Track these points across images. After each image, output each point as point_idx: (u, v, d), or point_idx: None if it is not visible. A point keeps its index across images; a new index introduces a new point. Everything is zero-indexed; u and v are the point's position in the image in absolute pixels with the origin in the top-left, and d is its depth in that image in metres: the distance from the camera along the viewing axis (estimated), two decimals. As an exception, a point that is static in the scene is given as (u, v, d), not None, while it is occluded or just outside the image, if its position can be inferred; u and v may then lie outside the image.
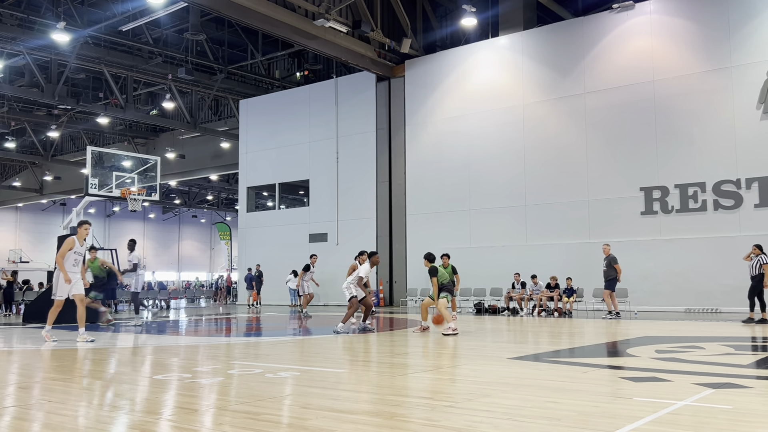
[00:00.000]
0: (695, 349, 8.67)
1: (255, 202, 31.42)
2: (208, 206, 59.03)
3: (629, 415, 4.41)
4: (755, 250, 13.92)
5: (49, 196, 48.09)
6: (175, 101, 31.75)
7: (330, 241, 26.44)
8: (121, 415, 4.71)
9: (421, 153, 24.38)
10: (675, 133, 19.26)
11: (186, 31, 26.23)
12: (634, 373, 6.43)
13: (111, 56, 27.99)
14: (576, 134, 20.96)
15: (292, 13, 21.34)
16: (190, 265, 65.86)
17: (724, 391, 5.47)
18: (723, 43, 18.70)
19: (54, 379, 6.40)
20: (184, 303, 32.73)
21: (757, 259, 13.75)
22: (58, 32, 22.52)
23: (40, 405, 5.05)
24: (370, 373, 6.83)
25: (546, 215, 21.28)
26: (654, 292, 19.08)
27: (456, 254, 22.75)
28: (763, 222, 17.76)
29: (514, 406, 4.85)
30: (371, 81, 25.93)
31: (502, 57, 22.74)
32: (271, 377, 6.35)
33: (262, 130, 29.49)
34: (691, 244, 18.54)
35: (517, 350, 8.88)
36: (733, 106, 18.45)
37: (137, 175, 18.09)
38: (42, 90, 27.75)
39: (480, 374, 6.57)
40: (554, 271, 18.96)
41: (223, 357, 8.44)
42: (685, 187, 18.99)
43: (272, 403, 5.02)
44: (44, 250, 49.24)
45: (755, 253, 13.88)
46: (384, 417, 4.50)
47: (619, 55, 20.40)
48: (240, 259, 30.32)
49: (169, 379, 6.31)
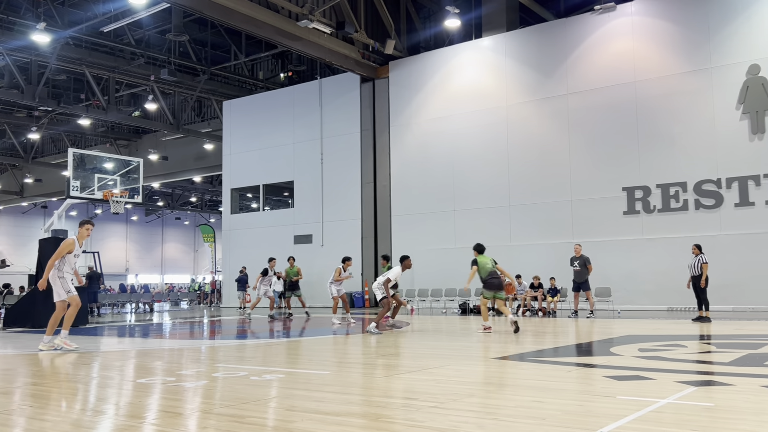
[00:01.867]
0: (678, 348, 8.75)
1: (239, 203, 31.28)
2: (192, 208, 58.66)
3: (613, 414, 4.44)
4: (695, 250, 14.42)
5: (30, 199, 47.52)
6: (158, 102, 31.53)
7: (315, 242, 26.39)
8: (104, 419, 4.67)
9: (406, 154, 24.40)
10: (656, 133, 19.45)
11: (168, 32, 26.05)
12: (618, 372, 6.48)
13: (92, 57, 27.73)
14: (559, 135, 21.10)
15: (275, 14, 21.27)
16: (173, 267, 65.39)
17: (706, 388, 5.53)
18: (703, 45, 18.91)
19: (35, 384, 6.33)
20: (167, 306, 32.49)
21: (697, 259, 14.22)
22: (39, 33, 22.28)
23: (21, 410, 4.99)
24: (356, 374, 6.82)
25: (530, 215, 21.39)
26: (637, 291, 19.24)
27: (441, 254, 22.92)
28: (743, 221, 18.00)
29: (498, 406, 4.87)
30: (355, 82, 25.92)
31: (486, 58, 22.83)
32: (255, 380, 6.32)
33: (246, 132, 29.36)
34: (673, 243, 18.72)
35: (502, 350, 8.91)
36: (714, 106, 18.67)
37: (119, 177, 17.93)
38: (22, 91, 27.43)
39: (465, 374, 6.58)
40: (538, 271, 19.07)
41: (207, 360, 8.39)
42: (666, 187, 19.18)
43: (257, 406, 5.00)
44: (25, 253, 48.64)
45: (695, 252, 14.38)
46: (369, 418, 4.49)
47: (601, 57, 20.56)
48: (224, 261, 30.16)
49: (153, 383, 6.26)
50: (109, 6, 24.38)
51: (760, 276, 17.41)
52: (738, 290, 17.68)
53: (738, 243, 18.00)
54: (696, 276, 14.19)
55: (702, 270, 14.06)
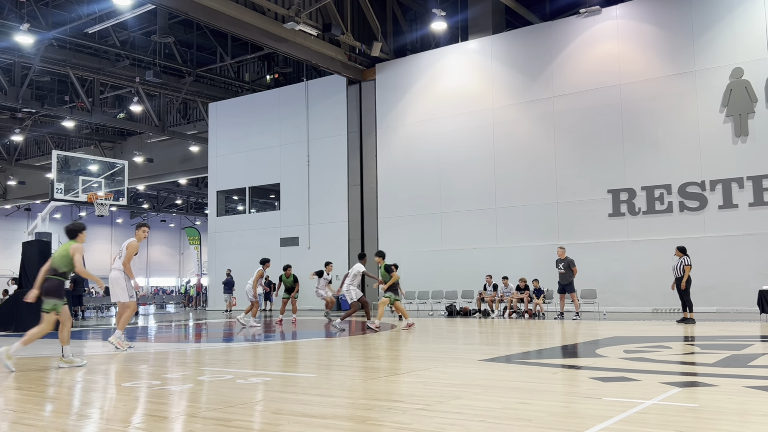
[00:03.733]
0: (663, 349, 8.82)
1: (225, 206, 31.14)
2: (177, 211, 58.32)
3: (599, 415, 4.47)
4: (678, 252, 14.64)
5: (13, 202, 47.05)
6: (143, 104, 31.33)
7: (302, 245, 26.32)
8: (88, 424, 4.63)
9: (393, 156, 24.42)
10: (641, 136, 19.60)
11: (154, 33, 25.90)
12: (603, 373, 6.52)
13: (77, 59, 27.50)
14: (545, 137, 21.20)
15: (261, 16, 21.22)
16: (159, 270, 64.99)
17: (690, 389, 5.58)
18: (687, 48, 19.09)
19: (19, 389, 6.26)
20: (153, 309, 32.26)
21: (680, 261, 14.43)
22: (22, 34, 22.07)
23: (4, 415, 4.93)
24: (342, 377, 6.81)
25: (516, 217, 21.47)
26: (622, 293, 19.37)
27: (428, 257, 22.93)
28: (727, 223, 18.17)
29: (485, 408, 4.88)
30: (342, 84, 25.91)
31: (472, 61, 22.91)
32: (242, 383, 6.29)
33: (232, 134, 29.25)
34: (657, 245, 18.86)
35: (488, 352, 8.93)
36: (697, 109, 18.84)
37: (104, 180, 17.80)
38: (5, 93, 27.17)
39: (451, 376, 6.59)
40: (524, 273, 19.15)
41: (193, 363, 8.34)
42: (651, 189, 19.33)
43: (243, 409, 4.98)
44: (8, 256, 48.16)
45: (678, 255, 14.58)
46: (356, 421, 4.49)
47: (587, 59, 20.69)
48: (210, 264, 30.01)
49: (138, 386, 6.21)
50: (93, 7, 24.20)
51: (743, 277, 17.57)
52: (722, 292, 17.84)
53: (722, 245, 18.17)
54: (679, 278, 14.35)
55: (684, 272, 14.22)
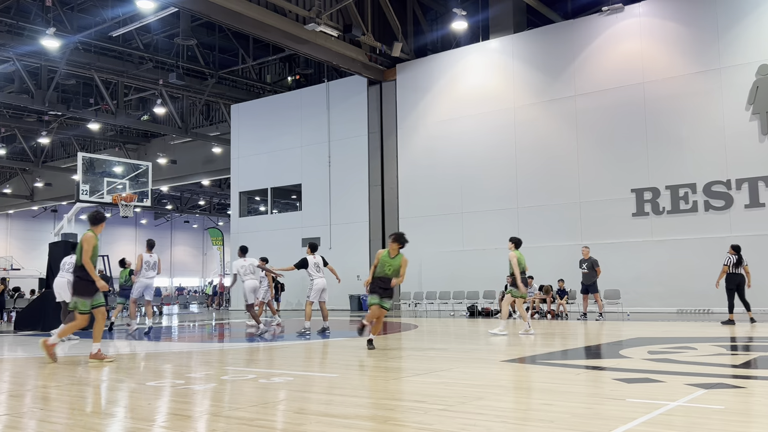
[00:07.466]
0: (687, 350, 8.70)
1: (247, 207, 31.37)
2: (200, 211, 58.85)
3: (622, 417, 4.42)
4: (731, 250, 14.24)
5: (40, 203, 47.82)
6: (167, 106, 31.66)
7: (323, 245, 26.40)
8: (113, 422, 4.69)
9: (413, 156, 24.40)
10: (665, 134, 19.36)
11: (177, 36, 26.17)
12: (627, 375, 6.45)
13: (101, 62, 27.88)
14: (567, 136, 21.04)
15: (283, 18, 21.34)
16: (182, 270, 65.60)
17: (716, 391, 5.50)
18: (712, 45, 18.82)
19: (46, 387, 6.37)
20: (176, 309, 32.60)
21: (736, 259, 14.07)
22: (48, 38, 22.42)
23: (32, 413, 5.02)
24: (364, 377, 6.82)
25: (538, 217, 21.33)
26: (646, 294, 19.14)
27: (449, 257, 22.89)
28: (754, 222, 17.88)
29: (507, 409, 4.86)
30: (362, 85, 25.95)
31: (493, 60, 22.81)
32: (264, 382, 6.33)
33: (254, 135, 29.45)
34: (682, 245, 18.62)
35: (511, 353, 8.89)
36: (723, 107, 18.57)
37: (128, 181, 18.02)
38: (32, 96, 27.62)
39: (473, 377, 6.57)
40: (546, 273, 19.02)
41: (216, 363, 8.41)
42: (675, 189, 19.09)
43: (266, 409, 5.01)
44: (35, 257, 48.91)
45: (731, 253, 14.19)
46: (378, 421, 4.50)
47: (609, 58, 20.50)
48: (232, 264, 30.21)
49: (162, 386, 6.28)
50: (117, 11, 24.52)
51: (770, 277, 17.24)
52: (750, 292, 17.52)
53: (749, 244, 17.81)
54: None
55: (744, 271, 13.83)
